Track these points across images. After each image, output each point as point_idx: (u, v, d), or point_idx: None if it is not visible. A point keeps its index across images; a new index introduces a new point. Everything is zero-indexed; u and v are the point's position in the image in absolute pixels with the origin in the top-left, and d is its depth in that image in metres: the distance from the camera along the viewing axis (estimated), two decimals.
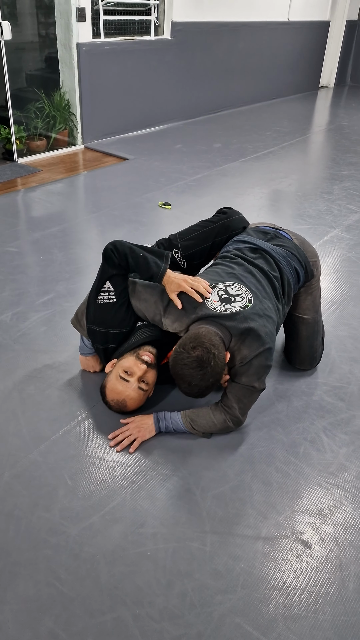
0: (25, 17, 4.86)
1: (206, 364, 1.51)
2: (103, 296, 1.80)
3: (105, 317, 1.81)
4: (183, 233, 2.06)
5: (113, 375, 1.79)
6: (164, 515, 1.53)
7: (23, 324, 2.36)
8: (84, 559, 1.41)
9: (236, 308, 1.66)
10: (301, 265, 1.92)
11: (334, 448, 1.79)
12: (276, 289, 1.81)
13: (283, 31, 7.21)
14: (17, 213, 3.61)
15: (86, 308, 1.86)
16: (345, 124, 6.48)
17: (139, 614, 1.29)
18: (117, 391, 1.76)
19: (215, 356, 1.53)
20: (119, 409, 1.80)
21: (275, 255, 1.87)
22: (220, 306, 1.67)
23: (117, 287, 1.78)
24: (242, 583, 1.37)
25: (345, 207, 3.87)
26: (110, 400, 1.79)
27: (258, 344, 1.63)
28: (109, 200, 3.84)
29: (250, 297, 1.70)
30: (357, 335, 2.39)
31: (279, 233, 1.99)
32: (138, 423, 1.79)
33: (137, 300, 1.79)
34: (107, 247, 1.75)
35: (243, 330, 1.63)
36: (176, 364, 1.55)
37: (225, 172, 4.52)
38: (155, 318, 1.77)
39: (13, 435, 1.78)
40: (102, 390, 1.82)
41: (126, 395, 1.76)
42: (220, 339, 1.59)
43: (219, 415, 1.74)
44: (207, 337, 1.55)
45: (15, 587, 1.34)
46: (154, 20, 5.45)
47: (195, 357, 1.51)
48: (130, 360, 1.77)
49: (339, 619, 1.30)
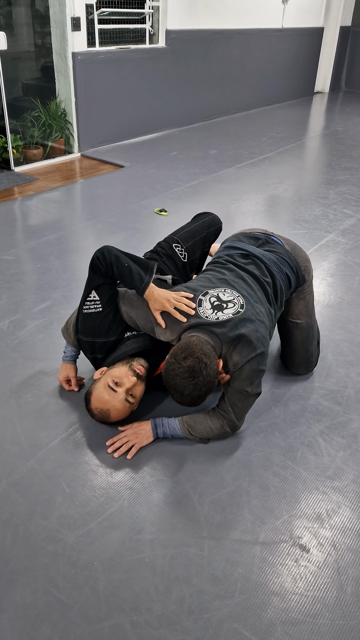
0: (21, 27, 4.90)
1: (198, 374, 1.51)
2: (89, 305, 1.79)
3: (91, 327, 1.80)
4: (178, 230, 2.15)
5: (101, 383, 1.74)
6: (161, 522, 1.53)
7: (20, 332, 2.37)
8: (81, 566, 1.41)
9: (228, 315, 1.66)
10: (292, 271, 1.93)
11: (331, 452, 1.79)
12: (268, 293, 1.81)
13: (277, 38, 7.26)
14: (14, 221, 3.62)
15: (75, 318, 1.86)
16: (340, 129, 6.52)
17: (136, 621, 1.29)
18: (102, 400, 1.72)
19: (207, 365, 1.52)
20: (101, 419, 1.76)
21: (267, 261, 1.88)
22: (212, 314, 1.67)
23: (103, 297, 1.77)
24: (240, 588, 1.37)
25: (340, 211, 3.89)
26: (94, 408, 1.74)
27: (249, 350, 1.63)
28: (105, 207, 3.85)
29: (242, 303, 1.71)
30: (353, 339, 2.39)
31: (270, 239, 2.00)
32: (135, 429, 1.79)
33: (129, 307, 1.77)
34: (94, 256, 1.74)
35: (234, 337, 1.63)
36: (168, 374, 1.55)
37: (221, 178, 4.54)
38: (146, 326, 1.75)
39: (10, 443, 1.78)
40: (87, 396, 1.77)
41: (111, 405, 1.71)
42: (212, 347, 1.59)
43: (215, 420, 1.75)
44: (198, 347, 1.55)
45: (13, 595, 1.34)
46: (148, 29, 5.49)
47: (187, 367, 1.51)
48: (122, 370, 1.73)
49: (337, 623, 1.30)
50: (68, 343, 1.95)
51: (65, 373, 2.01)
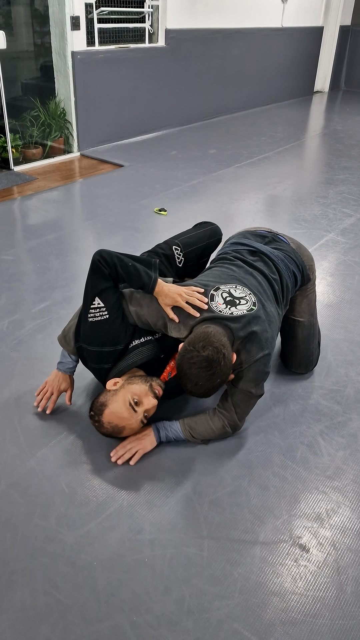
0: (20, 26, 4.90)
1: (215, 364, 1.48)
2: (94, 313, 1.69)
3: (98, 335, 1.70)
4: (179, 234, 2.06)
5: (120, 397, 1.64)
6: (161, 522, 1.53)
7: (19, 332, 2.36)
8: (81, 566, 1.40)
9: (242, 311, 1.63)
10: (298, 269, 1.92)
11: (330, 451, 1.79)
12: (276, 291, 1.80)
13: (277, 37, 7.26)
14: (13, 221, 3.62)
15: (76, 325, 1.76)
16: (340, 128, 6.51)
17: (136, 621, 1.29)
18: (121, 417, 1.63)
19: (225, 356, 1.50)
20: (110, 433, 1.67)
21: (274, 258, 1.87)
22: (226, 309, 1.63)
23: (108, 302, 1.68)
24: (239, 588, 1.37)
25: (340, 211, 3.88)
26: (107, 422, 1.64)
27: (257, 350, 1.61)
28: (104, 207, 3.85)
29: (254, 300, 1.68)
30: (353, 339, 2.39)
31: (276, 237, 1.99)
32: (138, 435, 1.75)
33: (138, 306, 1.70)
34: (94, 259, 1.67)
35: (246, 334, 1.60)
36: (184, 362, 1.50)
37: (220, 178, 4.54)
38: (158, 323, 1.70)
39: (10, 443, 1.77)
40: (100, 408, 1.66)
41: (128, 423, 1.64)
42: (227, 339, 1.56)
43: (217, 421, 1.74)
44: (216, 337, 1.52)
45: (12, 596, 1.33)
46: (148, 28, 5.48)
47: (205, 357, 1.48)
48: (142, 389, 1.65)
49: (337, 623, 1.30)
50: (67, 352, 1.84)
51: (65, 385, 1.89)
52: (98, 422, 1.67)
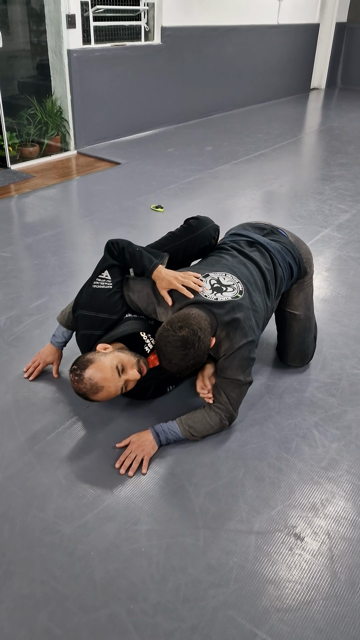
0: (16, 25, 4.90)
1: (190, 346, 1.53)
2: (99, 282, 1.83)
3: (97, 301, 1.81)
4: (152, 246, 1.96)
5: (109, 359, 1.66)
6: (157, 512, 1.54)
7: (17, 328, 2.38)
8: (78, 556, 1.42)
9: (227, 297, 1.69)
10: (295, 262, 1.95)
11: (325, 443, 1.81)
12: (267, 282, 1.83)
13: (273, 34, 7.27)
14: (10, 219, 3.63)
15: (77, 297, 1.88)
16: (336, 125, 6.52)
17: (132, 609, 1.30)
18: (104, 376, 1.63)
19: (200, 339, 1.55)
20: (84, 391, 1.64)
21: (271, 249, 1.91)
22: (212, 294, 1.70)
23: (115, 277, 1.83)
24: (235, 577, 1.38)
25: (336, 206, 3.90)
26: (87, 377, 1.63)
27: (241, 336, 1.65)
28: (101, 204, 3.86)
29: (241, 289, 1.73)
30: (348, 332, 2.41)
31: (275, 229, 2.03)
32: (138, 442, 1.73)
33: (131, 292, 1.81)
34: (108, 242, 1.84)
35: (229, 320, 1.65)
36: (161, 340, 1.56)
37: (216, 175, 4.55)
38: (148, 308, 1.78)
39: (7, 437, 1.79)
40: (85, 363, 1.66)
41: (107, 385, 1.64)
42: (208, 324, 1.61)
43: (214, 416, 1.76)
44: (195, 320, 1.57)
45: (10, 586, 1.35)
46: (144, 26, 5.49)
47: (180, 337, 1.53)
48: (131, 360, 1.69)
49: (331, 609, 1.32)
50: (61, 324, 1.99)
51: (51, 358, 2.06)
52: (78, 377, 1.64)
